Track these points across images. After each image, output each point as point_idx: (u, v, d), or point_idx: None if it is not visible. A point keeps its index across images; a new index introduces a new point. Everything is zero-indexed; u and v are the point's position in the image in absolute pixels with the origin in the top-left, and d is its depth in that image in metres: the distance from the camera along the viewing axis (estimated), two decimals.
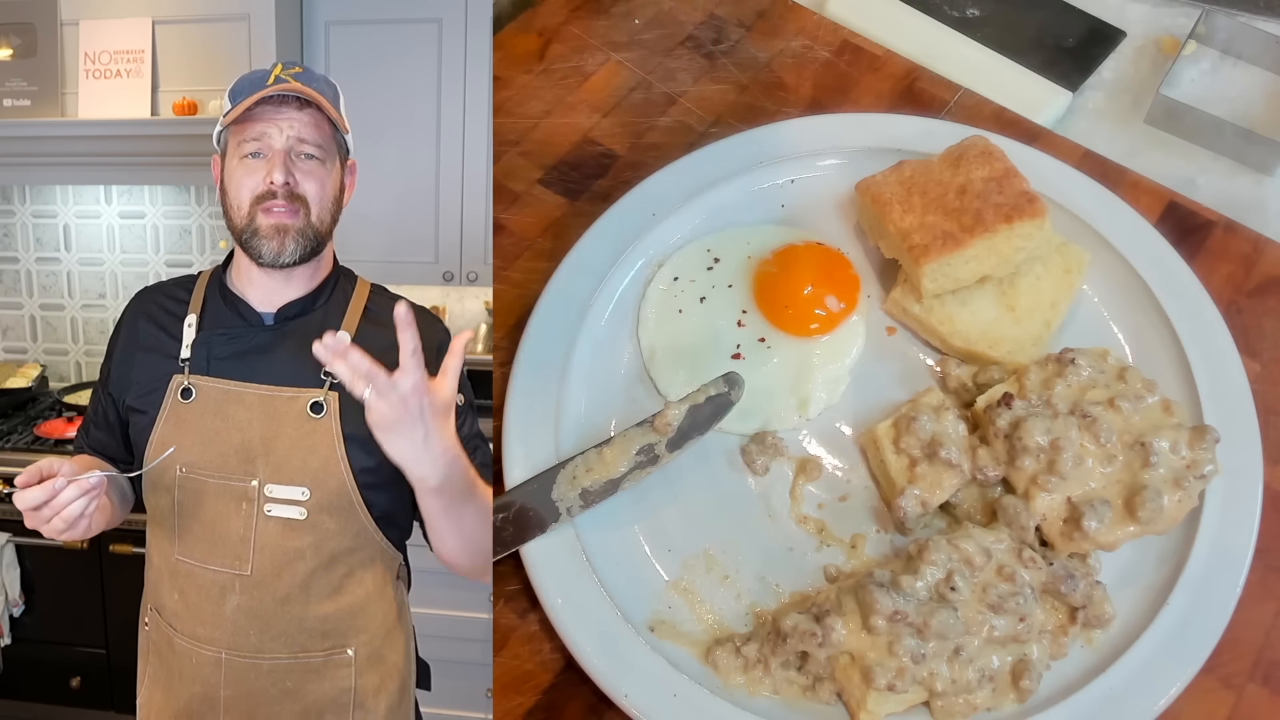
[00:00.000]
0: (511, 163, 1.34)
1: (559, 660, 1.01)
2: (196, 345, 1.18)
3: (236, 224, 1.15)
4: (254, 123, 1.12)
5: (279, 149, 1.12)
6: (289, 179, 1.12)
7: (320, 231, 1.16)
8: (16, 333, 2.84)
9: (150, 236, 2.71)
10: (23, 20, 2.37)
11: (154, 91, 2.33)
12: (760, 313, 1.16)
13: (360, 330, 1.18)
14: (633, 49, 1.42)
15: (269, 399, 1.15)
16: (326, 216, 1.17)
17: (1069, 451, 0.96)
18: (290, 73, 1.14)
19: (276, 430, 1.14)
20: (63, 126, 2.34)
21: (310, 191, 1.14)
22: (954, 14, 1.50)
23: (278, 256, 1.13)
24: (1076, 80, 1.45)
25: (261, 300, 1.19)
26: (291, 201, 1.13)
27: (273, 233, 1.13)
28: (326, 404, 1.14)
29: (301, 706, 1.17)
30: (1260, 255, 1.20)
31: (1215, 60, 1.47)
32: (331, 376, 1.14)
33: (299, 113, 1.13)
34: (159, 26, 2.32)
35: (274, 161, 1.12)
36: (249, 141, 1.13)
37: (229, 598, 1.14)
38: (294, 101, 1.13)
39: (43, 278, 2.79)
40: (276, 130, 1.12)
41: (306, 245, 1.15)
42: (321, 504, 1.14)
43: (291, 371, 1.16)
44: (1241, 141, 1.36)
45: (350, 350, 0.90)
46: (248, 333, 1.18)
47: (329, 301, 1.21)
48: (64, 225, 2.74)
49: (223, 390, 1.16)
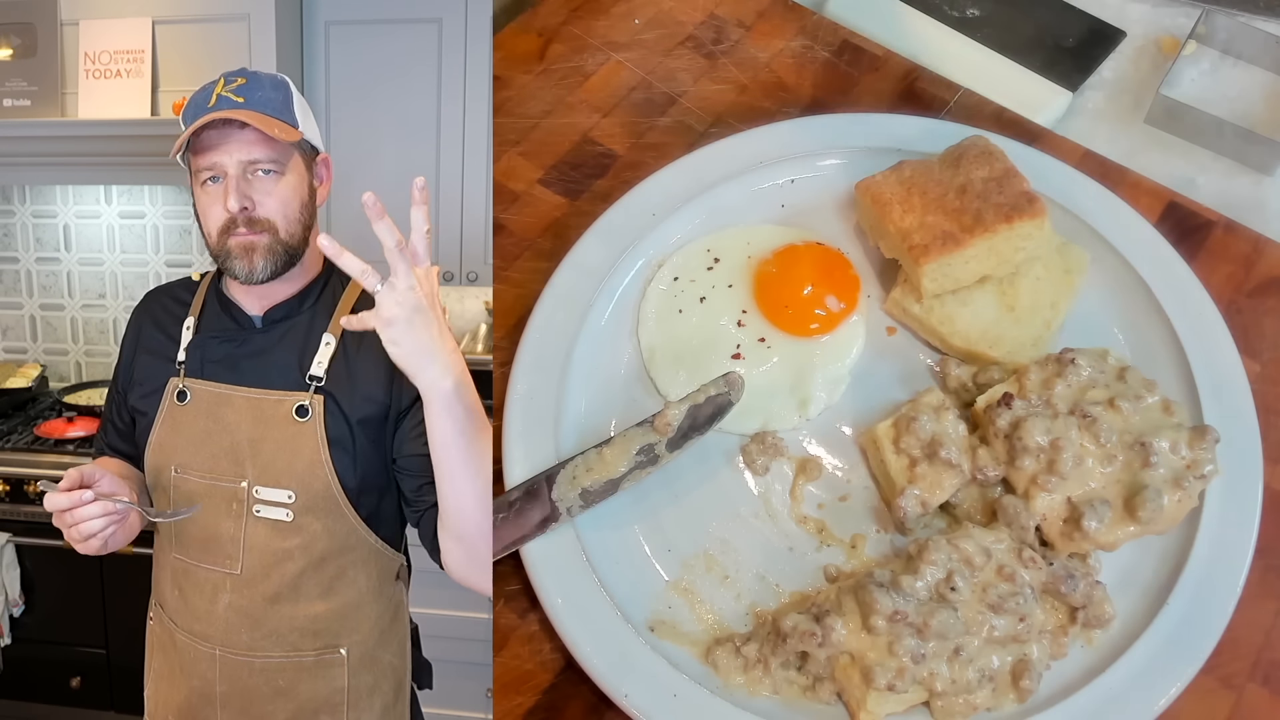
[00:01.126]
0: (511, 163, 1.34)
1: (559, 660, 1.01)
2: (191, 348, 1.19)
3: (210, 249, 1.14)
4: (203, 151, 1.10)
5: (232, 174, 1.09)
6: (245, 203, 1.10)
7: (290, 245, 1.14)
8: (16, 333, 2.84)
9: (150, 236, 2.71)
10: (23, 20, 2.37)
11: (154, 91, 2.33)
12: (760, 313, 1.16)
13: (341, 336, 1.17)
14: (633, 49, 1.42)
15: (257, 402, 1.15)
16: (295, 229, 1.14)
17: (1069, 451, 0.96)
18: (231, 87, 1.10)
19: (264, 433, 1.14)
20: (63, 126, 2.33)
21: (272, 210, 1.11)
22: (954, 14, 1.50)
23: (250, 275, 1.12)
24: (1076, 80, 1.45)
25: (250, 303, 1.20)
26: (252, 226, 1.10)
27: (242, 252, 1.11)
28: (311, 408, 1.14)
29: (295, 705, 1.18)
30: (1260, 255, 1.20)
31: (1215, 60, 1.47)
32: (317, 379, 1.14)
33: (242, 131, 1.09)
34: (159, 26, 2.32)
35: (229, 187, 1.09)
36: (203, 170, 1.11)
37: (221, 596, 1.15)
38: (236, 121, 1.09)
39: (43, 278, 2.79)
40: (226, 155, 1.09)
41: (277, 261, 1.13)
42: (307, 506, 1.14)
43: (279, 375, 1.16)
44: (1241, 141, 1.36)
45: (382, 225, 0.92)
46: (239, 335, 1.18)
47: (316, 303, 1.20)
48: (64, 225, 2.73)
49: (214, 393, 1.16)
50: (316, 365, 1.15)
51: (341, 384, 1.15)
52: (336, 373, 1.15)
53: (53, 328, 2.82)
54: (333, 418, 1.14)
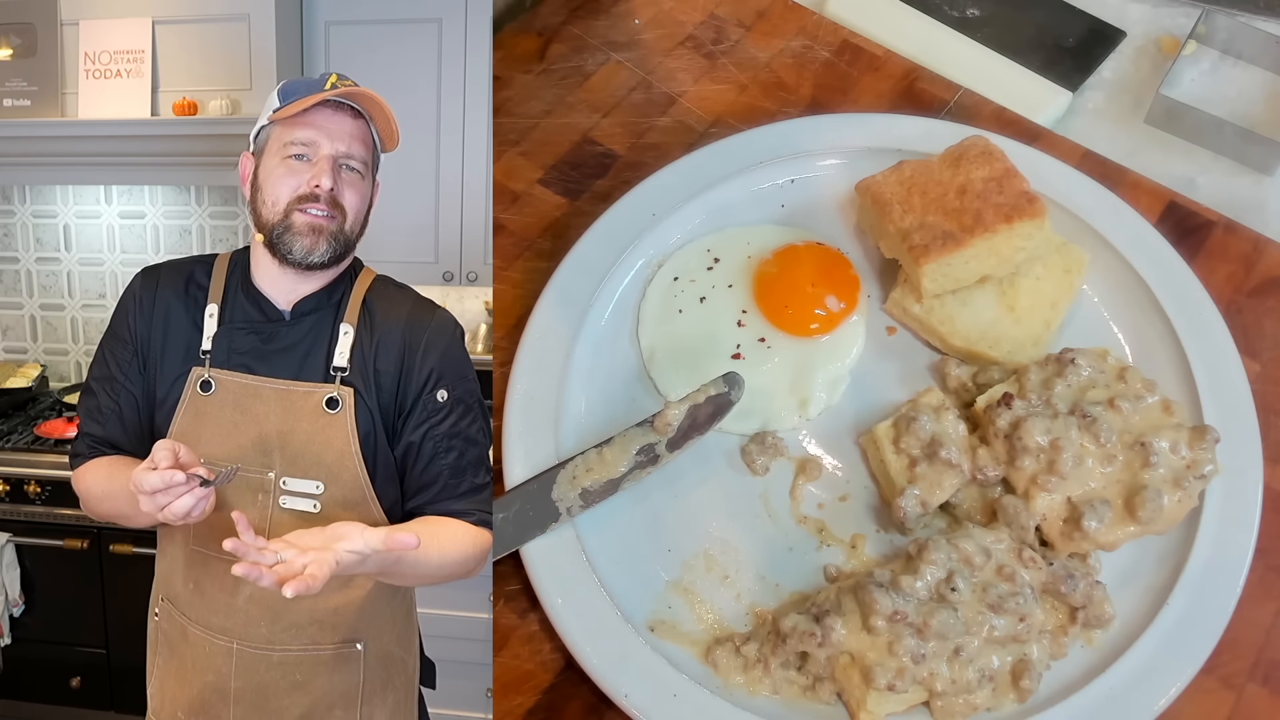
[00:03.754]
0: (511, 163, 1.34)
1: (559, 660, 1.01)
2: (218, 338, 1.18)
3: (268, 220, 1.14)
4: (306, 126, 1.13)
5: (327, 154, 1.13)
6: (335, 185, 1.13)
7: (351, 239, 1.17)
8: (16, 333, 2.84)
9: (150, 236, 2.71)
10: (23, 20, 2.37)
11: (154, 91, 2.33)
12: (760, 313, 1.16)
13: (357, 326, 1.18)
14: (633, 49, 1.42)
15: (285, 393, 1.15)
16: (358, 227, 1.18)
17: (1069, 451, 0.96)
18: (345, 83, 1.14)
19: (293, 424, 1.14)
20: (63, 126, 2.33)
21: (350, 201, 1.15)
22: (954, 14, 1.51)
23: (308, 255, 1.13)
24: (1076, 80, 1.45)
25: (280, 296, 1.19)
26: (332, 207, 1.13)
27: (307, 230, 1.12)
28: (341, 399, 1.14)
29: (310, 700, 1.18)
30: (1260, 255, 1.20)
31: (1215, 60, 1.47)
32: (341, 370, 1.15)
33: (353, 122, 1.15)
34: (159, 26, 2.32)
35: (322, 167, 1.12)
36: (295, 144, 1.13)
37: (242, 588, 1.15)
38: (348, 110, 1.14)
39: (43, 278, 2.79)
40: (326, 138, 1.13)
41: (337, 249, 1.15)
42: (335, 497, 1.14)
43: (307, 367, 1.16)
44: (1241, 141, 1.36)
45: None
46: (267, 327, 1.18)
47: (342, 297, 1.21)
48: (64, 225, 2.73)
49: (241, 384, 1.16)
50: (339, 356, 1.16)
51: (359, 375, 1.16)
52: (355, 364, 1.16)
53: (53, 328, 2.82)
54: (360, 409, 1.15)
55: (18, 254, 2.78)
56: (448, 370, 1.18)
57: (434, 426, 1.17)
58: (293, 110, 1.11)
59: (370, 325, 1.18)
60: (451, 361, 1.20)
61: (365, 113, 1.16)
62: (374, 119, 1.17)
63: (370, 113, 1.16)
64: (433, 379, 1.17)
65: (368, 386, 1.16)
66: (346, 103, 1.14)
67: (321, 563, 0.93)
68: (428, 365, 1.17)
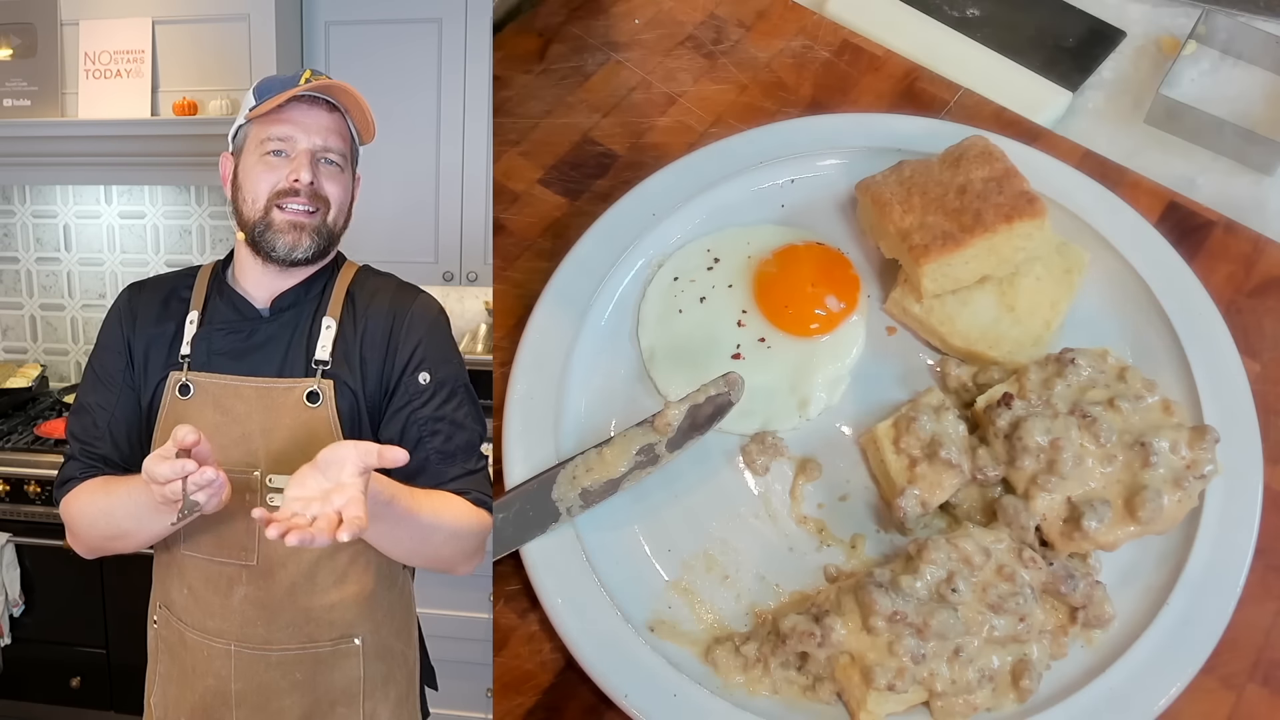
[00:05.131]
0: (511, 163, 1.34)
1: (559, 660, 1.01)
2: (196, 341, 1.18)
3: (249, 217, 1.14)
4: (282, 122, 1.13)
5: (304, 149, 1.13)
6: (315, 179, 1.13)
7: (334, 233, 1.17)
8: (16, 333, 2.84)
9: (150, 236, 2.71)
10: (23, 20, 2.37)
11: (154, 91, 2.33)
12: (760, 313, 1.16)
13: (340, 318, 1.18)
14: (633, 49, 1.42)
15: (266, 391, 1.15)
16: (341, 220, 1.18)
17: (1069, 451, 0.96)
18: (319, 79, 1.14)
19: (275, 421, 1.14)
20: (63, 126, 2.33)
21: (332, 193, 1.15)
22: (954, 14, 1.50)
23: (292, 251, 1.13)
24: (1076, 80, 1.45)
25: (259, 294, 1.19)
26: (313, 200, 1.13)
27: (288, 228, 1.13)
28: (322, 392, 1.14)
29: (312, 699, 1.18)
30: (1260, 255, 1.20)
31: (1215, 60, 1.47)
32: (323, 364, 1.15)
33: (328, 116, 1.15)
34: (159, 26, 2.32)
35: (300, 161, 1.12)
36: (272, 140, 1.13)
37: (236, 589, 1.15)
38: (323, 104, 1.14)
39: (43, 278, 2.79)
40: (303, 133, 1.13)
41: (320, 244, 1.15)
42: None
43: (286, 363, 1.16)
44: (1241, 141, 1.36)
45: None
46: (245, 325, 1.18)
47: (323, 290, 1.21)
48: (64, 225, 2.73)
49: (220, 385, 1.16)
50: (321, 349, 1.15)
51: (345, 366, 1.16)
52: (339, 356, 1.16)
53: (53, 328, 2.82)
54: (344, 401, 1.15)
55: (18, 254, 2.78)
56: (430, 353, 1.18)
57: (417, 410, 1.16)
58: (268, 107, 1.12)
59: (354, 315, 1.18)
60: (434, 344, 1.19)
61: (341, 106, 1.16)
62: (350, 112, 1.17)
63: (346, 106, 1.16)
64: (414, 361, 1.16)
65: (354, 376, 1.15)
66: (322, 97, 1.14)
67: (353, 501, 0.90)
68: (409, 347, 1.17)
